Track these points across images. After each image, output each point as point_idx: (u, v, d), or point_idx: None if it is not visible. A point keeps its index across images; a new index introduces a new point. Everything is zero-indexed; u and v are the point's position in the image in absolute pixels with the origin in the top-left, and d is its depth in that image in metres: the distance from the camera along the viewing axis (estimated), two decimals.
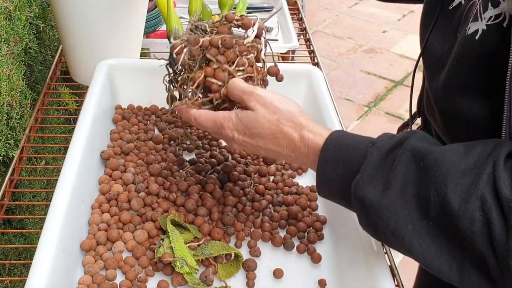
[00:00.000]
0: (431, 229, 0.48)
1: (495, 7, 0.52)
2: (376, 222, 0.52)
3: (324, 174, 0.57)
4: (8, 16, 0.92)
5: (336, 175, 0.56)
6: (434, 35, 0.64)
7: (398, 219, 0.50)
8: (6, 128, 0.88)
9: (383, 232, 0.52)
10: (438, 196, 0.47)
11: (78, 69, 1.05)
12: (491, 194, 0.45)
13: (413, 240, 0.49)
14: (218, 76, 0.65)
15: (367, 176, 0.52)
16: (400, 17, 3.54)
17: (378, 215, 0.51)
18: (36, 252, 0.58)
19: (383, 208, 0.51)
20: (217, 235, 0.70)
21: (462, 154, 0.48)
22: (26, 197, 0.98)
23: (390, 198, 0.50)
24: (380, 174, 0.52)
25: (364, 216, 0.54)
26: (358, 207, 0.54)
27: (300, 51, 1.36)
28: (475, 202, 0.45)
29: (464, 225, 0.46)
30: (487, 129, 0.53)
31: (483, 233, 0.45)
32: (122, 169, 0.78)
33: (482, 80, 0.55)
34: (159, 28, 1.25)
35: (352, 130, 2.51)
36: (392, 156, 0.52)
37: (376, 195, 0.51)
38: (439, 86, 0.61)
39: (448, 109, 0.60)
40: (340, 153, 0.55)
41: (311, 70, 0.93)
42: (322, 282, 0.67)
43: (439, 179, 0.48)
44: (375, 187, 0.51)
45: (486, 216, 0.45)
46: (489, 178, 0.46)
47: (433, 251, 0.49)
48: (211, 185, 0.77)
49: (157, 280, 0.65)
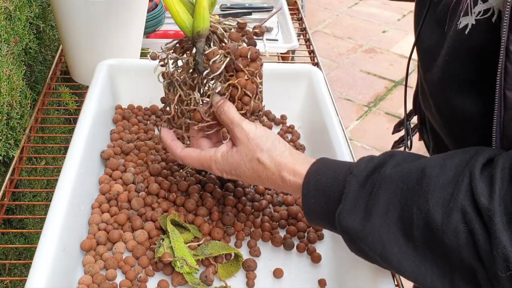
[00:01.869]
0: (418, 249, 0.49)
1: (484, 2, 0.51)
2: (364, 249, 0.53)
3: (309, 207, 0.58)
4: (8, 16, 0.92)
5: (319, 207, 0.57)
6: (425, 26, 0.65)
7: (384, 243, 0.51)
8: (6, 128, 0.88)
9: (372, 256, 0.53)
10: (421, 213, 0.48)
11: (78, 69, 1.05)
12: (471, 206, 0.45)
13: (402, 261, 0.50)
14: (250, 88, 0.65)
15: (348, 206, 0.53)
16: (400, 17, 3.54)
17: (364, 242, 0.52)
18: (36, 252, 0.58)
19: (368, 235, 0.52)
20: (217, 235, 0.70)
21: (440, 167, 0.49)
22: (26, 197, 0.98)
23: (373, 224, 0.51)
24: (361, 201, 0.53)
25: (351, 244, 0.55)
26: (344, 237, 0.55)
27: (300, 51, 1.36)
28: (457, 214, 0.46)
29: (449, 239, 0.46)
30: (481, 124, 0.54)
31: (468, 245, 0.45)
32: (122, 169, 0.78)
33: (474, 75, 0.55)
34: (159, 28, 1.25)
35: (352, 130, 2.52)
36: (370, 182, 0.53)
37: (359, 223, 0.52)
38: (433, 80, 0.61)
39: (443, 103, 0.60)
40: (321, 187, 0.57)
41: (311, 70, 0.93)
42: (322, 282, 0.67)
43: (421, 197, 0.48)
44: (358, 216, 0.52)
45: (469, 228, 0.45)
46: (467, 190, 0.46)
47: (423, 270, 0.49)
48: (211, 185, 0.77)
49: (157, 280, 0.65)
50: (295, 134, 0.91)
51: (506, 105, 0.49)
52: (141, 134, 0.86)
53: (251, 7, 1.45)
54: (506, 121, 0.50)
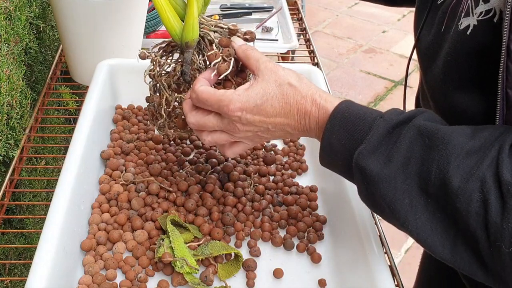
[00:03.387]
0: (429, 205, 0.49)
1: (485, 2, 0.52)
2: (374, 194, 0.52)
3: (328, 141, 0.57)
4: (8, 16, 0.92)
5: (340, 145, 0.56)
6: (425, 28, 0.65)
7: (396, 192, 0.50)
8: (6, 128, 0.88)
9: (380, 204, 0.53)
10: (439, 173, 0.48)
11: (78, 69, 1.05)
12: (492, 177, 0.45)
13: (409, 215, 0.50)
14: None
15: (370, 147, 0.53)
16: (400, 17, 3.54)
17: (377, 186, 0.52)
18: (36, 252, 0.58)
19: (383, 180, 0.51)
20: (217, 235, 0.70)
21: (469, 136, 0.49)
22: (26, 197, 0.98)
23: (391, 171, 0.51)
24: (384, 147, 0.52)
25: (363, 187, 0.54)
26: (358, 177, 0.54)
27: (300, 51, 1.36)
28: (475, 182, 0.46)
29: (461, 204, 0.46)
30: (481, 124, 0.54)
31: (478, 214, 0.45)
32: (122, 169, 0.78)
33: (475, 75, 0.55)
34: (159, 28, 1.25)
35: None
36: (398, 131, 0.52)
37: (377, 166, 0.52)
38: (434, 81, 0.61)
39: (443, 104, 0.60)
40: (347, 123, 0.56)
41: (311, 70, 0.93)
42: (322, 282, 0.67)
43: (442, 157, 0.48)
44: (377, 159, 0.52)
45: (484, 197, 0.45)
46: (493, 161, 0.46)
47: (427, 227, 0.49)
48: (211, 185, 0.77)
49: (157, 280, 0.65)
50: None
51: (508, 104, 0.49)
52: (141, 134, 0.86)
53: (251, 7, 1.45)
54: (508, 120, 0.50)
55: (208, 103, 0.61)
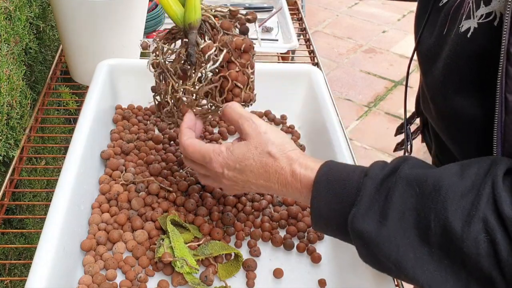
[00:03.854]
0: (434, 255, 0.48)
1: (486, 5, 0.51)
2: (377, 254, 0.51)
3: (318, 209, 0.56)
4: (8, 16, 0.92)
5: (330, 210, 0.55)
6: (426, 30, 0.65)
7: (398, 249, 0.49)
8: (6, 128, 0.88)
9: (385, 264, 0.52)
10: (439, 221, 0.47)
11: (78, 69, 1.05)
12: (493, 215, 0.45)
13: (416, 268, 0.49)
14: (241, 79, 0.65)
15: (363, 209, 0.51)
16: (400, 17, 3.54)
17: (379, 247, 0.51)
18: (36, 252, 0.58)
19: (383, 240, 0.50)
20: (217, 235, 0.70)
21: (458, 175, 0.48)
22: (26, 197, 0.98)
23: (389, 228, 0.50)
24: (376, 205, 0.51)
25: (363, 250, 0.53)
26: (357, 241, 0.53)
27: (300, 51, 1.36)
28: (478, 223, 0.45)
29: (468, 248, 0.45)
30: (481, 128, 0.53)
31: (489, 255, 0.44)
32: (122, 169, 0.78)
33: (475, 79, 0.54)
34: (159, 28, 1.25)
35: (352, 130, 2.52)
36: (386, 186, 0.51)
37: (374, 227, 0.50)
38: (434, 83, 0.61)
39: (443, 106, 0.60)
40: (333, 187, 0.54)
41: (311, 70, 0.93)
42: (322, 282, 0.67)
43: (438, 204, 0.47)
44: (373, 219, 0.51)
45: (491, 237, 0.44)
46: (489, 198, 0.45)
47: (438, 277, 0.48)
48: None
49: (157, 280, 0.65)
50: (295, 134, 0.91)
51: (507, 109, 0.49)
52: (141, 134, 0.86)
53: (251, 7, 1.45)
54: (507, 125, 0.49)
55: (194, 157, 0.63)
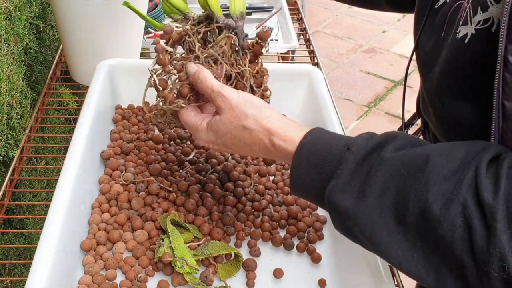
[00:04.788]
0: (409, 235, 0.48)
1: (484, 11, 0.51)
2: (352, 229, 0.52)
3: (297, 178, 0.55)
4: (8, 16, 0.92)
5: (309, 180, 0.54)
6: (424, 34, 0.65)
7: (373, 226, 0.49)
8: (6, 128, 0.88)
9: (358, 237, 0.52)
10: (418, 201, 0.47)
11: (78, 69, 1.05)
12: (473, 200, 0.44)
13: (390, 246, 0.49)
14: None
15: (342, 183, 0.51)
16: (400, 17, 3.54)
17: (354, 222, 0.51)
18: (36, 252, 0.58)
19: (359, 216, 0.50)
20: (217, 235, 0.70)
21: (445, 156, 0.48)
22: (26, 197, 0.98)
23: (366, 205, 0.50)
24: (356, 180, 0.51)
25: (339, 222, 0.53)
26: (332, 213, 0.53)
27: (300, 51, 1.36)
28: (457, 207, 0.45)
29: (444, 230, 0.45)
30: (479, 134, 0.53)
31: (464, 239, 0.44)
32: (122, 169, 0.78)
33: (472, 84, 0.54)
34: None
35: (352, 130, 2.52)
36: (368, 162, 0.51)
37: (351, 202, 0.50)
38: (432, 87, 0.61)
39: (441, 111, 0.60)
40: (314, 158, 0.54)
41: (311, 70, 0.93)
42: (322, 282, 0.67)
43: (421, 185, 0.47)
44: (351, 194, 0.50)
45: (468, 222, 0.44)
46: (471, 183, 0.45)
47: (409, 257, 0.48)
48: (211, 185, 0.77)
49: (157, 280, 0.65)
50: None
51: (505, 115, 0.48)
52: (141, 134, 0.86)
53: (251, 7, 1.45)
54: (504, 132, 0.49)
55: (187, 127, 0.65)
